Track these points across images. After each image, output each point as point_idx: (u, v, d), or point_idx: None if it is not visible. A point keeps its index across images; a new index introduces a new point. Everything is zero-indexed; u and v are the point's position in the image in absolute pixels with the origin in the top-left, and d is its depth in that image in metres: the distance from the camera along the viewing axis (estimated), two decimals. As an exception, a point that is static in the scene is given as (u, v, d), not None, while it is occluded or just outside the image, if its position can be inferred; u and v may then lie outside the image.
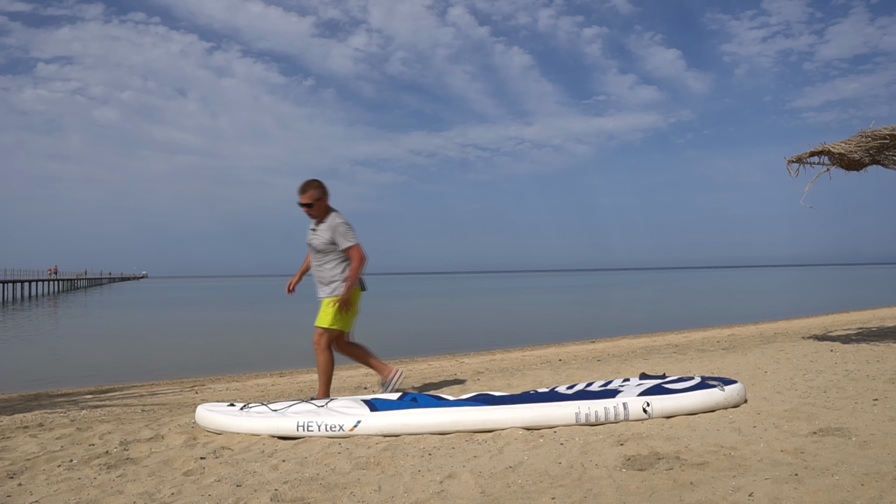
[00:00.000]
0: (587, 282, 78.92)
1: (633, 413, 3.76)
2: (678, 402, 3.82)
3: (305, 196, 4.75)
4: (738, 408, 3.93)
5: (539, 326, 19.10)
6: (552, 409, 3.75)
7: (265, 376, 9.21)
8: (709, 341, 9.93)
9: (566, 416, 3.72)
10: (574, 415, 3.72)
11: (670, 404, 3.81)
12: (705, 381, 4.07)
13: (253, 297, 48.88)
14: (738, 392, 4.03)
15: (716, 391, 3.92)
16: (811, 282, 57.18)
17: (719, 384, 4.00)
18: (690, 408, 3.83)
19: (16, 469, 3.26)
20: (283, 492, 2.76)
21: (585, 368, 6.77)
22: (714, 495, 2.45)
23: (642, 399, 3.80)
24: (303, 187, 4.77)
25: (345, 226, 4.74)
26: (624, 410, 3.76)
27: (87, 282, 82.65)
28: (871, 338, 7.68)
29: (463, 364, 9.12)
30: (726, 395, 3.93)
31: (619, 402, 3.78)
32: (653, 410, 3.78)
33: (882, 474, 2.55)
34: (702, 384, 4.00)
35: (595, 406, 3.75)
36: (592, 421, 3.71)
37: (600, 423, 3.72)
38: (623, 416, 3.75)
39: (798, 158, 7.25)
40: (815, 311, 18.27)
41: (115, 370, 10.92)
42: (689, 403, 3.83)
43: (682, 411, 3.82)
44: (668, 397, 3.84)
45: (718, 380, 4.11)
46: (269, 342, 15.96)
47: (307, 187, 4.76)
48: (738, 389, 4.04)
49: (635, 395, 3.84)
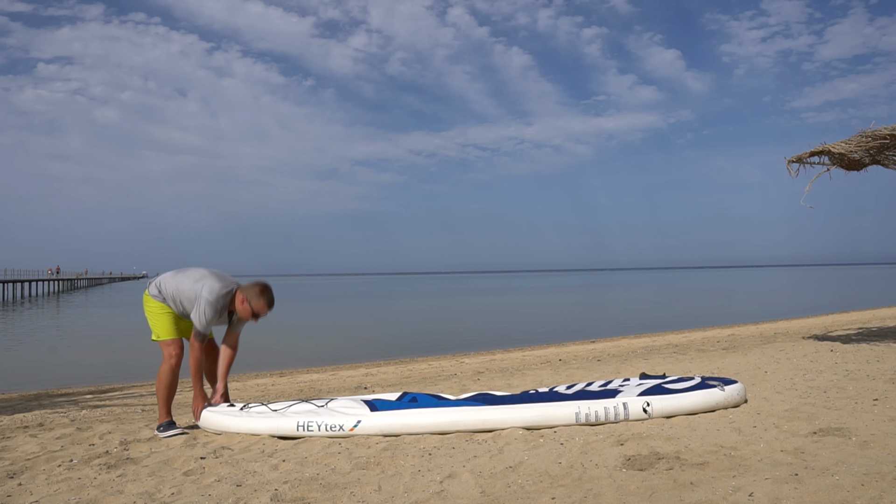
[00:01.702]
0: (587, 282, 78.95)
1: (633, 413, 3.75)
2: (678, 402, 3.82)
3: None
4: (738, 408, 3.93)
5: (539, 326, 19.10)
6: (552, 409, 3.75)
7: (265, 376, 9.21)
8: (709, 341, 9.93)
9: (566, 416, 3.72)
10: (574, 415, 3.72)
11: (670, 404, 3.81)
12: (705, 381, 4.07)
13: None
14: (739, 392, 4.03)
15: (716, 391, 3.92)
16: (811, 282, 57.18)
17: (719, 384, 3.99)
18: (690, 408, 3.83)
19: (16, 469, 3.26)
20: (283, 492, 2.76)
21: (585, 368, 6.77)
22: (714, 495, 2.44)
23: (642, 399, 3.80)
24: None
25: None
26: (624, 410, 3.75)
27: (87, 282, 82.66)
28: (871, 338, 7.68)
29: (463, 364, 9.12)
30: (726, 395, 3.93)
31: (620, 402, 3.78)
32: (653, 410, 3.77)
33: (882, 474, 2.55)
34: (702, 384, 3.99)
35: (595, 406, 3.75)
36: (592, 421, 3.71)
37: (600, 423, 3.72)
38: (623, 415, 3.75)
39: (798, 158, 7.25)
40: (815, 311, 18.27)
41: (115, 370, 10.91)
42: (689, 403, 3.83)
43: (683, 411, 3.81)
44: (668, 397, 3.83)
45: (719, 380, 4.11)
46: (269, 342, 15.95)
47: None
48: (739, 389, 4.04)
49: (635, 395, 3.84)
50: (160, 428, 3.98)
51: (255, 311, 4.07)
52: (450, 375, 7.35)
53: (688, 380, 4.10)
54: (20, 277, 50.82)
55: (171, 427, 3.97)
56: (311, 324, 23.72)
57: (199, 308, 3.94)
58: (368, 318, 25.46)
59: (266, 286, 4.13)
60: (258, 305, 4.06)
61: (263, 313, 4.12)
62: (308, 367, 10.33)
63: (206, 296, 3.94)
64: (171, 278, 4.07)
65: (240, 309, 4.07)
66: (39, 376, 10.37)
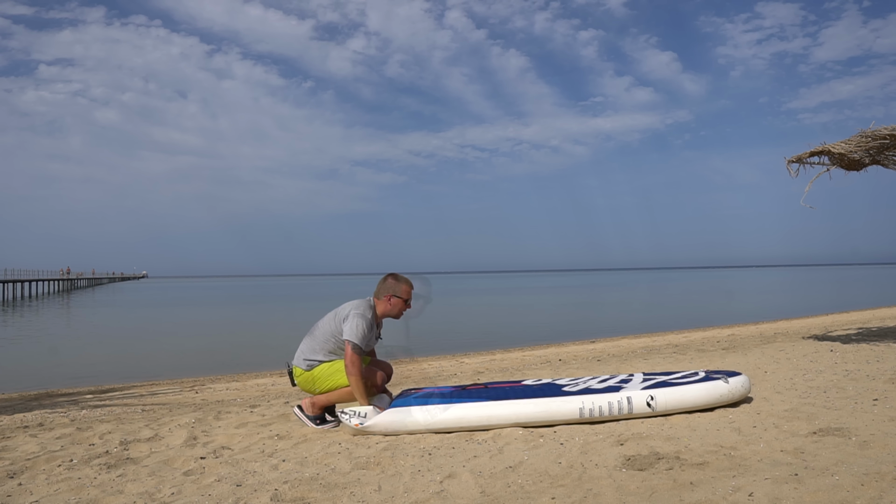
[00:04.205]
0: (585, 282, 78.95)
1: (637, 407, 3.72)
2: (682, 395, 3.78)
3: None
4: (738, 407, 3.92)
5: (539, 326, 19.10)
6: (556, 403, 3.72)
7: (265, 376, 9.22)
8: (709, 341, 9.93)
9: (570, 412, 3.69)
10: (578, 410, 3.69)
11: (674, 397, 3.77)
12: (710, 374, 4.05)
13: (253, 297, 48.88)
14: (743, 384, 3.97)
15: (720, 383, 3.87)
16: (810, 282, 57.18)
17: (723, 377, 3.97)
18: (694, 400, 3.79)
19: (16, 469, 3.26)
20: (283, 492, 2.76)
21: (585, 368, 6.77)
22: (714, 495, 2.45)
23: (646, 393, 3.76)
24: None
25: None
26: (628, 404, 3.72)
27: (87, 282, 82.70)
28: (871, 338, 7.68)
29: (463, 364, 9.12)
30: (730, 388, 3.88)
31: (623, 397, 3.74)
32: (657, 404, 3.74)
33: (882, 474, 2.55)
34: (706, 378, 3.96)
35: (599, 400, 3.72)
36: (597, 415, 3.69)
37: (605, 418, 3.70)
38: (627, 410, 3.72)
39: (798, 158, 7.25)
40: (815, 311, 18.28)
41: (115, 370, 10.92)
42: (693, 396, 3.79)
43: (687, 404, 3.78)
44: (671, 390, 3.79)
45: (723, 373, 4.08)
46: (269, 342, 15.95)
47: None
48: (743, 381, 3.99)
49: (639, 389, 3.80)
50: (317, 421, 4.02)
51: (404, 296, 4.04)
52: (450, 375, 7.34)
53: (692, 374, 4.09)
54: (20, 277, 50.80)
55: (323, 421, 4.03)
56: (310, 324, 23.69)
57: (351, 325, 3.85)
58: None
59: (395, 274, 4.11)
60: (402, 290, 4.04)
61: (410, 295, 4.08)
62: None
63: (354, 310, 3.91)
64: (310, 342, 4.00)
65: (391, 306, 4.02)
66: (39, 376, 10.37)
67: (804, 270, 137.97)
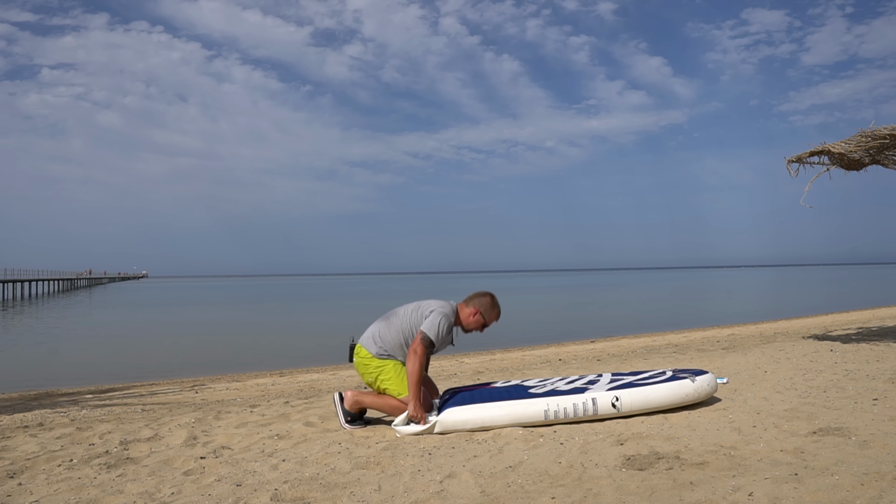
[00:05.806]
0: (583, 282, 78.93)
1: (602, 408, 3.72)
2: (647, 395, 3.78)
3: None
4: (738, 407, 3.93)
5: (539, 326, 19.08)
6: (521, 406, 3.71)
7: (265, 376, 9.22)
8: (709, 341, 9.93)
9: (535, 414, 3.69)
10: (543, 412, 3.69)
11: (639, 397, 3.77)
12: (676, 373, 4.05)
13: (252, 297, 48.86)
14: (709, 382, 3.97)
15: (686, 382, 3.87)
16: (810, 282, 57.17)
17: (690, 375, 3.96)
18: (660, 400, 3.79)
19: (16, 469, 3.26)
20: (283, 491, 2.76)
21: (585, 368, 6.77)
22: (714, 495, 2.45)
23: (611, 394, 3.76)
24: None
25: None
26: (593, 406, 3.72)
27: (86, 281, 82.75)
28: (871, 338, 7.68)
29: (463, 364, 9.12)
30: (696, 387, 3.88)
31: (589, 398, 3.74)
32: (622, 405, 3.73)
33: (882, 474, 2.55)
34: (673, 377, 3.96)
35: (564, 402, 3.72)
36: (562, 417, 3.69)
37: (570, 420, 3.70)
38: (592, 411, 3.71)
39: (798, 158, 7.25)
40: (815, 311, 18.27)
41: (115, 370, 10.92)
42: (658, 396, 3.79)
43: (652, 404, 3.78)
44: (637, 390, 3.79)
45: (689, 371, 4.08)
46: (269, 342, 15.95)
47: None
48: (709, 380, 3.98)
49: (605, 390, 3.80)
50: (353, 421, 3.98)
51: (488, 321, 4.03)
52: (450, 375, 7.34)
53: (659, 374, 4.08)
54: (20, 277, 50.80)
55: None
56: (310, 324, 23.72)
57: (433, 321, 3.80)
58: (368, 318, 25.30)
59: (494, 297, 4.07)
60: (491, 316, 4.03)
61: (492, 322, 4.07)
62: (308, 367, 10.33)
63: (440, 308, 3.88)
64: (385, 327, 3.92)
65: (471, 321, 4.00)
66: (40, 376, 10.37)
67: (805, 270, 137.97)
